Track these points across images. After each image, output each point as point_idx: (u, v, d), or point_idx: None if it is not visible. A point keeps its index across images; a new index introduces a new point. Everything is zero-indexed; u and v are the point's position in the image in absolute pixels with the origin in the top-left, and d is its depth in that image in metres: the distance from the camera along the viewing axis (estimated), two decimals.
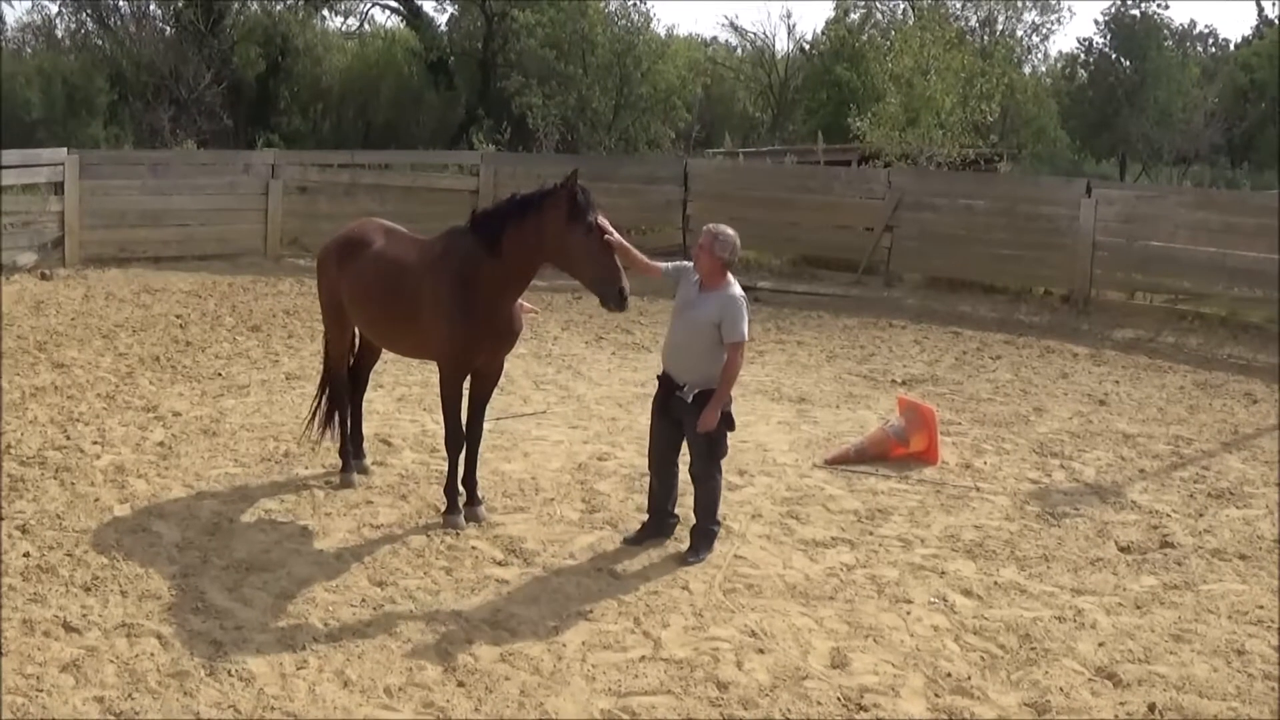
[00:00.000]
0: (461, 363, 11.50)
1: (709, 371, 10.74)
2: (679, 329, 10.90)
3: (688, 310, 10.83)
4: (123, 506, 11.68)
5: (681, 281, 11.05)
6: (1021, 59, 61.79)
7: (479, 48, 52.85)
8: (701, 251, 10.76)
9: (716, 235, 10.73)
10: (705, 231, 10.84)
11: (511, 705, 8.26)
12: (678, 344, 10.90)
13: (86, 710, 7.96)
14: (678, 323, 10.93)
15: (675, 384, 10.89)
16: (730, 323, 10.67)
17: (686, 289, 10.96)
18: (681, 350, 10.86)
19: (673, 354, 10.97)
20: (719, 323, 10.66)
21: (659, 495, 11.36)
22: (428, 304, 11.37)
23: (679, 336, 10.89)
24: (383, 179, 29.39)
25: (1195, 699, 8.79)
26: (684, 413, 10.85)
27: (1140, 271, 24.75)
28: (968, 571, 11.06)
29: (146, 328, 19.86)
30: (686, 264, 11.23)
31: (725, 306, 10.69)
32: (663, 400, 11.08)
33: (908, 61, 37.48)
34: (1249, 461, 15.06)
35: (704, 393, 10.75)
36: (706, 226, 10.91)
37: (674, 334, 10.99)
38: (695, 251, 10.86)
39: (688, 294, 10.92)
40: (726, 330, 10.67)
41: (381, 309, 11.94)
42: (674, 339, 10.98)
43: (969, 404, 17.36)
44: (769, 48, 61.99)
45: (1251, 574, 11.28)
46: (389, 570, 10.45)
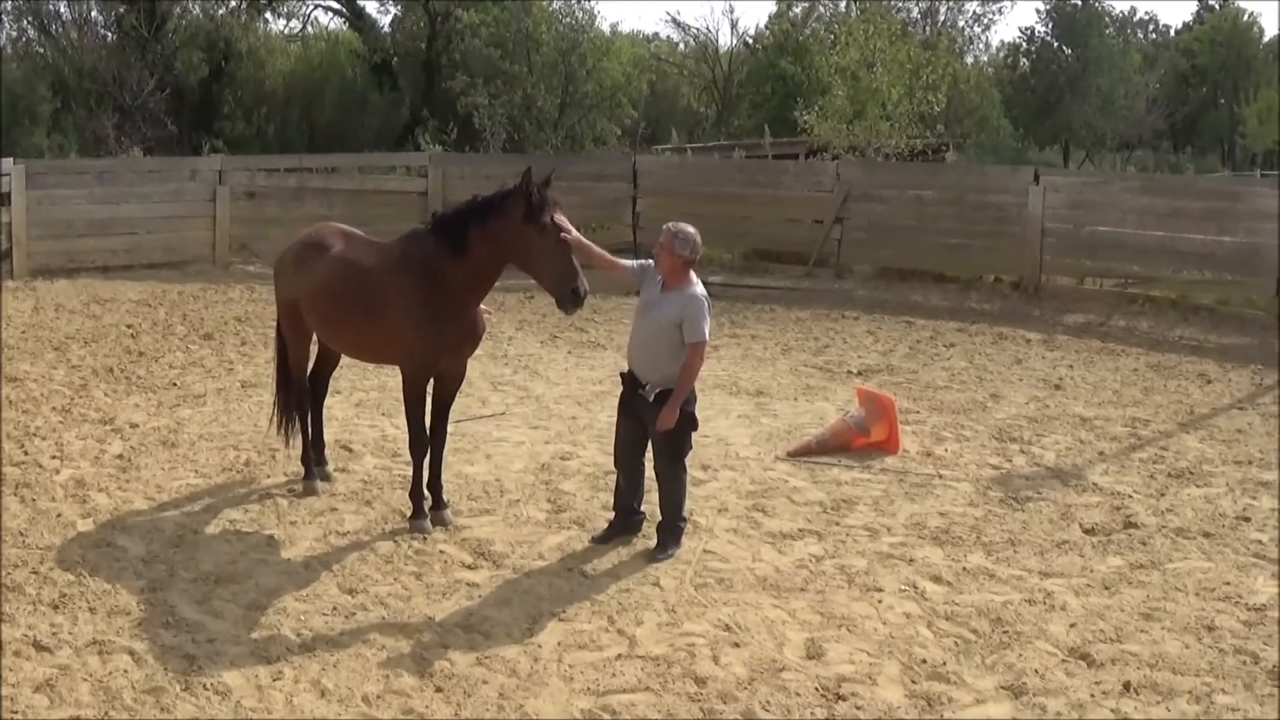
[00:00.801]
0: (426, 366, 11.43)
1: (671, 371, 10.74)
2: (641, 328, 10.89)
3: (650, 310, 10.83)
4: (85, 521, 11.56)
5: (645, 280, 11.04)
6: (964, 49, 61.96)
7: (422, 48, 52.76)
8: (662, 250, 10.75)
9: (676, 234, 10.72)
10: (665, 230, 10.82)
11: (491, 708, 8.24)
12: (640, 343, 10.89)
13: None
14: (640, 322, 10.93)
15: (638, 382, 10.88)
16: (690, 322, 10.66)
17: (649, 288, 10.95)
18: (644, 350, 10.85)
19: (636, 353, 10.95)
20: (680, 322, 10.66)
21: (625, 493, 11.35)
22: (391, 308, 11.28)
23: (641, 336, 10.88)
24: (331, 182, 29.27)
25: (1169, 675, 8.86)
26: (646, 411, 10.84)
27: (1089, 257, 24.92)
28: (936, 558, 11.10)
29: (98, 339, 19.72)
30: (649, 263, 11.18)
31: (686, 306, 10.69)
32: (626, 399, 11.08)
33: (853, 54, 37.54)
34: (1206, 441, 15.19)
35: (665, 392, 10.75)
36: (666, 225, 10.88)
37: (637, 333, 10.98)
38: (656, 251, 10.81)
39: (650, 293, 10.91)
40: (687, 330, 10.66)
41: (342, 314, 11.80)
42: (637, 338, 10.97)
43: (926, 392, 17.43)
44: (712, 43, 62.14)
45: (1216, 551, 11.38)
46: (359, 577, 10.40)
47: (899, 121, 35.79)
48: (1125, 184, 26.76)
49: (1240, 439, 15.32)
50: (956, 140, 48.75)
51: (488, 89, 46.19)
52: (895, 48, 38.62)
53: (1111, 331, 22.17)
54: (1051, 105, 67.51)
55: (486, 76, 47.08)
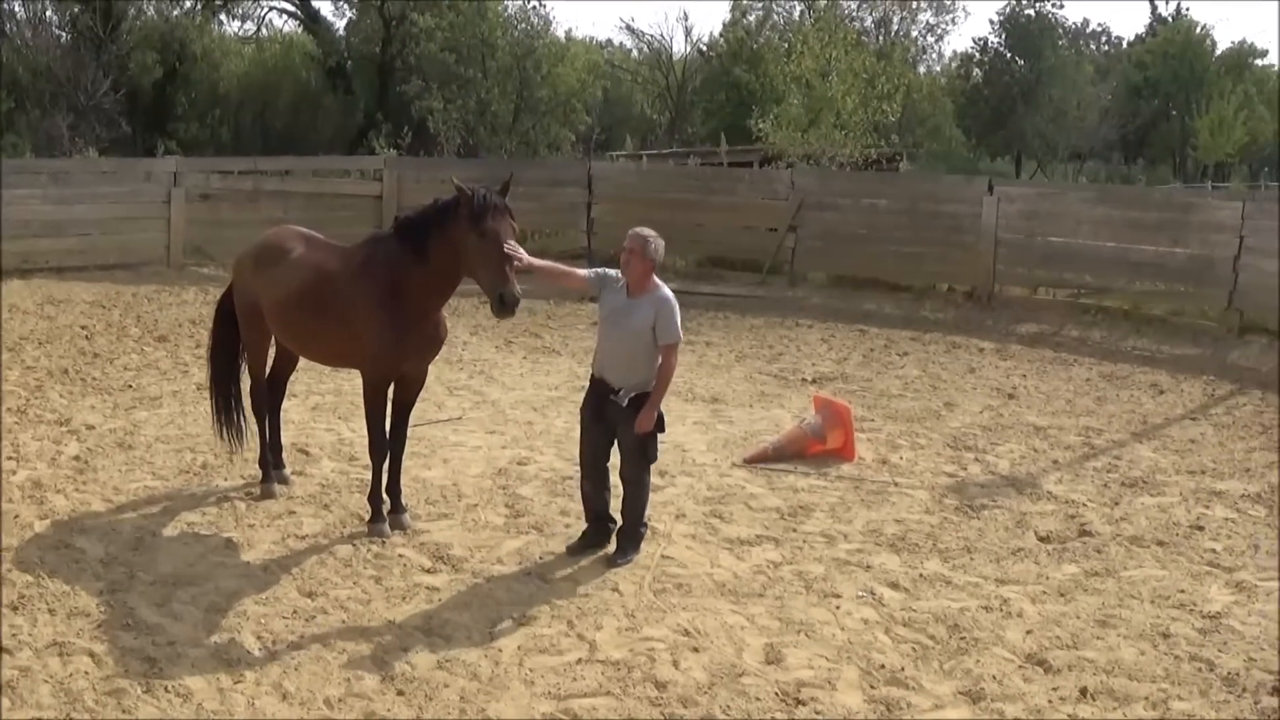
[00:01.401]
0: (387, 370, 11.40)
1: (645, 375, 10.77)
2: (613, 336, 10.85)
3: (621, 317, 10.79)
4: (43, 523, 11.48)
5: (605, 289, 11.00)
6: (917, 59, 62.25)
7: (377, 52, 52.72)
8: (633, 257, 10.73)
9: (647, 239, 10.74)
10: (633, 237, 10.80)
11: (453, 712, 8.25)
12: (613, 351, 10.86)
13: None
14: (611, 330, 10.88)
15: (610, 389, 10.86)
16: (665, 324, 10.71)
17: (613, 296, 10.92)
18: (618, 356, 10.81)
19: (608, 361, 10.90)
20: (654, 325, 10.69)
21: (596, 501, 11.29)
22: (354, 312, 11.25)
23: (613, 344, 10.85)
24: (286, 185, 29.10)
25: (1125, 682, 8.94)
26: (620, 417, 10.83)
27: (1043, 267, 25.13)
28: (893, 565, 11.16)
29: (52, 340, 19.61)
30: (608, 271, 11.17)
31: (660, 309, 10.72)
32: (596, 406, 11.02)
33: (808, 63, 37.70)
34: (1159, 450, 15.32)
35: (639, 396, 10.79)
36: (633, 232, 10.85)
37: (607, 341, 10.93)
38: (625, 257, 10.78)
39: (616, 300, 10.88)
40: (662, 332, 10.71)
41: (304, 318, 11.74)
42: (608, 346, 10.92)
43: (880, 400, 17.52)
44: (666, 50, 62.19)
45: (1170, 559, 11.49)
46: (318, 581, 10.38)
47: (853, 130, 36.01)
48: (1079, 195, 26.99)
49: (1193, 449, 15.46)
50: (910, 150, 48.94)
51: (442, 93, 46.20)
52: (850, 57, 38.82)
53: (1065, 341, 22.32)
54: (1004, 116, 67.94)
55: (441, 81, 47.09)
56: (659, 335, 10.72)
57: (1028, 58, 69.07)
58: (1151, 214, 24.43)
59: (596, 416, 11.03)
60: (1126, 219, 24.30)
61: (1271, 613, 10.29)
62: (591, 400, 11.08)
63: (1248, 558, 11.62)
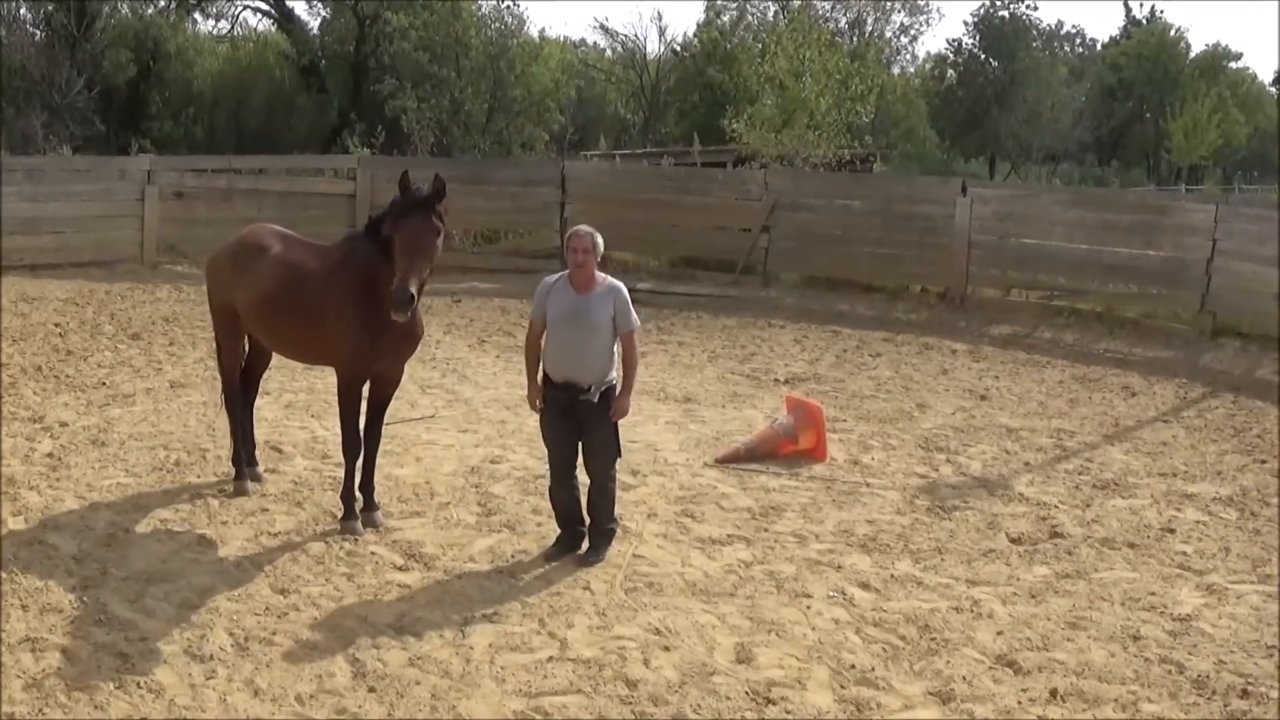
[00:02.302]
0: (362, 368, 11.42)
1: (608, 367, 10.79)
2: (573, 336, 10.77)
3: (578, 316, 10.73)
4: (16, 519, 11.47)
5: (551, 296, 10.89)
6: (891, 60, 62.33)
7: (351, 51, 52.62)
8: (585, 255, 10.68)
9: (590, 234, 10.77)
10: (578, 235, 10.78)
11: (424, 709, 8.26)
12: (575, 349, 10.79)
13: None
14: (570, 331, 10.77)
15: (579, 389, 10.81)
16: (624, 314, 10.76)
17: (562, 297, 10.84)
18: (581, 354, 10.76)
19: (572, 362, 10.81)
20: (614, 316, 10.73)
21: (571, 506, 11.25)
22: (329, 309, 11.28)
23: (573, 343, 10.78)
24: (260, 184, 29.05)
25: (1095, 683, 8.98)
26: (591, 414, 10.83)
27: (1016, 269, 25.22)
28: (864, 565, 11.19)
29: (26, 337, 19.56)
30: (543, 282, 11.08)
31: (616, 299, 10.76)
32: (563, 411, 10.93)
33: (782, 63, 37.76)
34: (1131, 453, 15.37)
35: (608, 389, 10.83)
36: (579, 231, 10.83)
37: (567, 342, 10.81)
38: (579, 258, 10.70)
39: (566, 300, 10.80)
40: (622, 321, 10.75)
41: (280, 315, 11.77)
42: (569, 346, 10.82)
43: (852, 401, 17.55)
44: (640, 50, 62.16)
45: (1141, 561, 11.54)
46: (290, 578, 10.39)
47: (827, 131, 36.09)
48: (1053, 196, 27.06)
49: (1165, 451, 15.52)
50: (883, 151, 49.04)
51: (416, 92, 46.12)
52: (824, 58, 38.91)
53: (1037, 343, 22.39)
54: (978, 117, 68.10)
55: (415, 80, 47.02)
56: (620, 324, 10.77)
57: (1002, 59, 69.26)
58: (1125, 216, 24.51)
59: (565, 421, 10.96)
60: (1100, 221, 24.36)
61: (1242, 615, 10.35)
62: (557, 406, 10.96)
63: (1219, 559, 11.69)
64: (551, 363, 10.93)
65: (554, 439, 11.12)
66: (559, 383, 10.90)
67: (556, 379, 10.90)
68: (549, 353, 10.95)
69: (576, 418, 10.90)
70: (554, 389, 10.94)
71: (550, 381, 10.95)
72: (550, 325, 10.88)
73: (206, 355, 18.54)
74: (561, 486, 11.20)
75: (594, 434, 10.93)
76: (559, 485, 11.21)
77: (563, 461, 11.13)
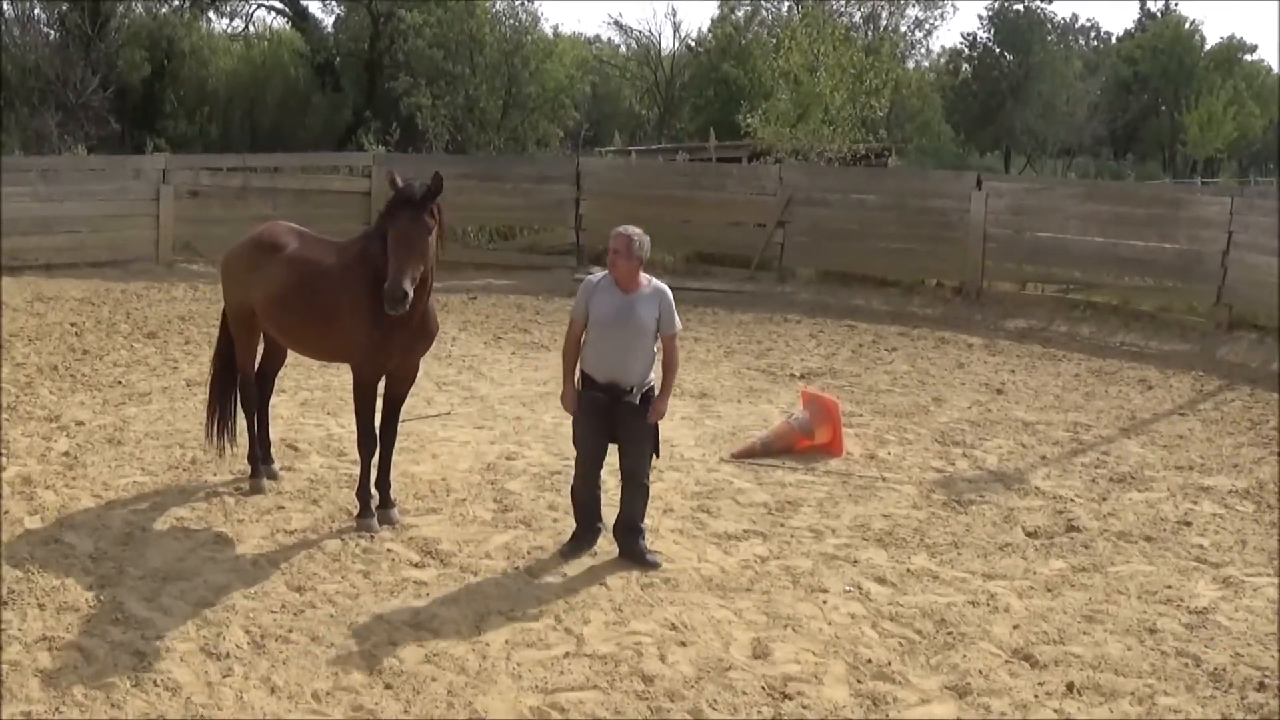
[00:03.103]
0: (375, 365, 11.42)
1: (649, 368, 10.76)
2: (618, 336, 10.69)
3: (623, 317, 10.64)
4: (33, 518, 11.51)
5: (595, 296, 10.80)
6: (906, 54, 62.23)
7: (365, 49, 52.63)
8: (618, 257, 10.62)
9: (632, 237, 10.66)
10: (619, 236, 10.71)
11: (440, 706, 8.27)
12: (618, 349, 10.70)
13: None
14: (614, 332, 10.69)
15: (622, 390, 10.73)
16: (668, 316, 10.73)
17: (606, 297, 10.75)
18: (625, 357, 10.68)
19: (617, 362, 10.71)
20: (659, 318, 10.70)
21: (593, 505, 11.21)
22: (344, 307, 11.29)
23: (620, 344, 10.69)
24: (274, 182, 29.10)
25: (1111, 677, 8.97)
26: (630, 415, 10.76)
27: (1031, 262, 25.15)
28: (880, 560, 11.19)
29: (42, 336, 19.60)
30: (587, 279, 11.08)
31: (661, 302, 10.72)
32: (602, 412, 10.81)
33: (796, 58, 37.70)
34: (1147, 446, 15.34)
35: (648, 391, 10.80)
36: (617, 231, 10.77)
37: (612, 342, 10.71)
38: (612, 259, 10.69)
39: (612, 300, 10.72)
40: (666, 323, 10.72)
41: (295, 312, 11.77)
42: (614, 346, 10.72)
43: (869, 396, 17.54)
44: (654, 45, 62.10)
45: (1158, 555, 11.51)
46: (306, 575, 10.40)
47: (842, 126, 36.01)
48: (1068, 190, 26.96)
49: (1181, 444, 15.49)
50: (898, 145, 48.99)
51: (431, 90, 46.11)
52: (838, 52, 38.82)
53: (1053, 337, 22.38)
54: (993, 111, 68.00)
55: (429, 77, 47.01)
56: (664, 326, 10.73)
57: (1016, 53, 69.15)
58: (1140, 209, 24.46)
59: (602, 422, 10.86)
60: (1115, 214, 24.35)
61: (1258, 608, 10.32)
62: (596, 406, 10.84)
63: (1236, 552, 11.67)
64: (594, 363, 10.84)
65: (588, 438, 11.01)
66: (602, 383, 10.80)
67: (599, 379, 10.80)
68: (591, 353, 10.86)
69: (614, 419, 10.82)
70: (594, 389, 10.84)
71: (591, 381, 10.86)
72: (594, 325, 10.80)
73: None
74: (586, 485, 11.13)
75: (632, 434, 10.86)
76: (585, 484, 11.13)
77: (594, 461, 11.04)
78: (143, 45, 49.45)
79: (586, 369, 10.88)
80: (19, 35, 47.17)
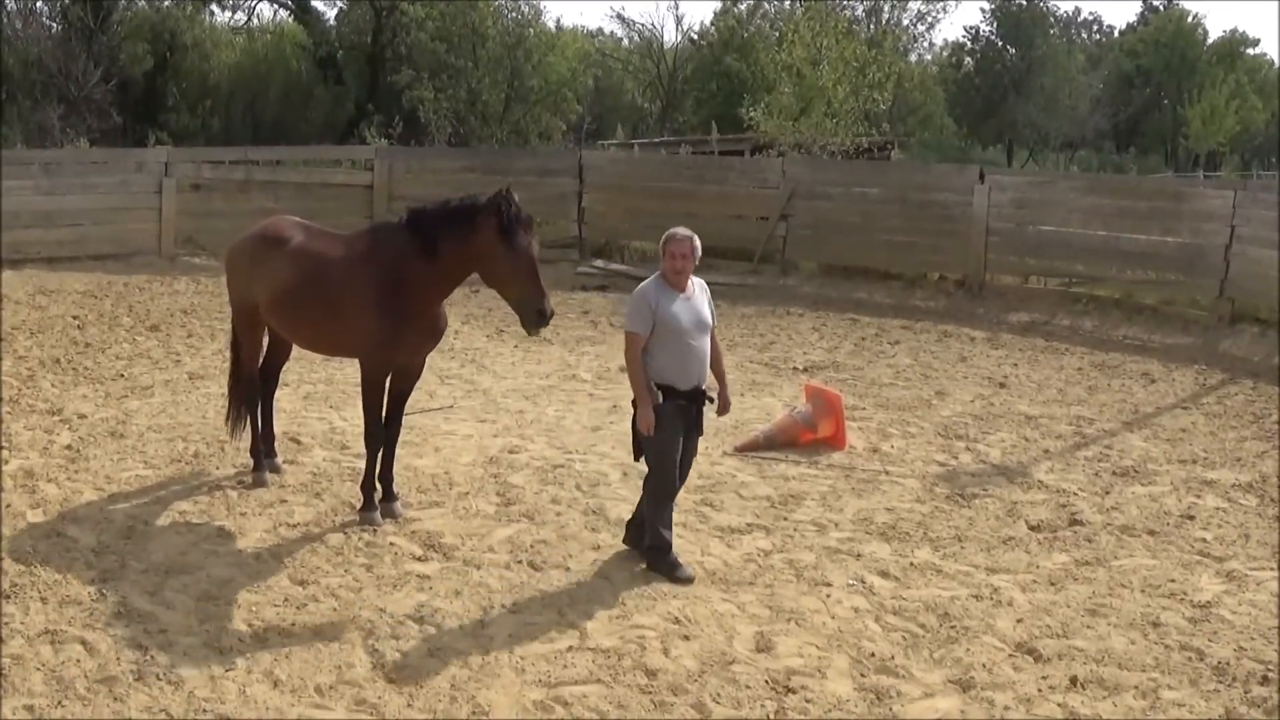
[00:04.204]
0: (386, 360, 11.38)
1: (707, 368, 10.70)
2: (698, 340, 10.53)
3: (691, 320, 10.50)
4: (35, 512, 11.50)
5: (662, 305, 10.48)
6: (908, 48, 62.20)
7: (368, 42, 52.64)
8: (686, 261, 10.48)
9: (694, 240, 10.57)
10: (682, 241, 10.51)
11: (443, 700, 8.27)
12: (700, 355, 10.56)
13: (17, 719, 7.87)
14: (694, 338, 10.49)
15: (704, 395, 10.63)
16: (713, 311, 10.76)
17: (674, 305, 10.49)
18: (702, 359, 10.58)
19: (697, 368, 10.55)
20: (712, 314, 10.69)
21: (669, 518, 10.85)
22: (354, 301, 11.23)
23: (699, 349, 10.55)
24: (277, 175, 29.12)
25: (1115, 670, 8.97)
26: (697, 418, 10.69)
27: (1034, 256, 25.12)
28: (883, 553, 11.19)
29: (44, 329, 19.60)
30: (643, 290, 10.65)
31: (709, 298, 10.76)
32: (689, 419, 10.62)
33: (799, 51, 37.69)
34: (1151, 440, 15.33)
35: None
36: (677, 236, 10.55)
37: (694, 349, 10.51)
38: (676, 263, 10.47)
39: (676, 303, 10.49)
40: (713, 317, 10.73)
41: (302, 307, 11.71)
42: (695, 352, 10.52)
43: (871, 389, 17.53)
44: (657, 39, 62.06)
45: (1161, 549, 11.51)
46: (309, 569, 10.39)
47: (844, 119, 36.01)
48: (1070, 183, 26.93)
49: (1184, 438, 15.48)
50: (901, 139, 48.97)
51: (433, 83, 46.14)
52: (841, 45, 38.81)
53: (1056, 330, 22.36)
54: (995, 104, 68.01)
55: (432, 70, 47.03)
56: (713, 320, 10.74)
57: (1019, 46, 69.18)
58: (1143, 203, 24.48)
59: (687, 429, 10.67)
60: (1118, 208, 24.34)
61: (1262, 602, 10.32)
62: (681, 415, 10.56)
63: (1239, 546, 11.66)
64: (677, 372, 10.48)
65: (671, 449, 10.60)
66: (686, 391, 10.53)
67: (683, 388, 10.51)
68: (672, 363, 10.48)
69: (691, 425, 10.70)
70: (677, 396, 10.51)
71: (674, 392, 10.49)
72: (671, 335, 10.43)
73: (225, 347, 18.51)
74: (671, 499, 10.79)
75: (695, 437, 10.81)
76: (670, 498, 10.78)
77: (675, 473, 10.72)
78: (145, 38, 49.47)
79: (666, 380, 10.48)
80: (21, 28, 47.16)
